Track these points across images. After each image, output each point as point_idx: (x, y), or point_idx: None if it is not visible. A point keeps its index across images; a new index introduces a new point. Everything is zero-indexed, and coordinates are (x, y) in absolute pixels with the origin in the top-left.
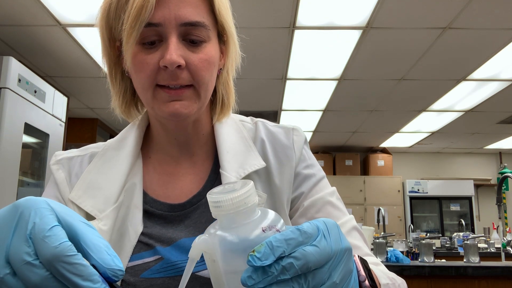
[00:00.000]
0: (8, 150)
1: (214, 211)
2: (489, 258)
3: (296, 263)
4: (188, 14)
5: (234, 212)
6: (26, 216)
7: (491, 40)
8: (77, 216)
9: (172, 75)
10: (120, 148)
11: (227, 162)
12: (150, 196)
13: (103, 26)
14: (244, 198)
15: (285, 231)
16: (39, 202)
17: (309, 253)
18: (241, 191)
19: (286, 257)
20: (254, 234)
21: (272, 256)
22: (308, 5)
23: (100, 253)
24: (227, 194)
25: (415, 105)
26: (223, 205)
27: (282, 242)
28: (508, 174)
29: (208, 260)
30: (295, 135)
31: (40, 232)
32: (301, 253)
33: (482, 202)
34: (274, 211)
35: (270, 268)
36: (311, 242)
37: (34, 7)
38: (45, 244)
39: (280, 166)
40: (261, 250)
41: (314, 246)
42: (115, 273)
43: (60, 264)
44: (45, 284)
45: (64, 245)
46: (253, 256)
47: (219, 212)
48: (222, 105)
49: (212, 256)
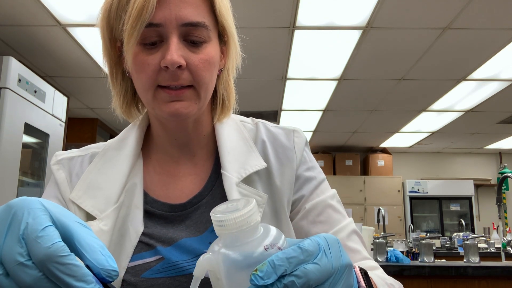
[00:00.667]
0: (8, 150)
1: (218, 230)
2: (489, 258)
3: (298, 281)
4: (189, 14)
5: (237, 231)
6: (19, 216)
7: (491, 40)
8: (72, 217)
9: (173, 76)
10: (120, 148)
11: (228, 163)
12: (150, 196)
13: (104, 26)
14: (247, 217)
15: (287, 249)
16: (32, 202)
17: (310, 271)
18: (244, 211)
19: (288, 275)
20: (257, 252)
21: (274, 275)
22: (308, 5)
23: (94, 253)
24: (230, 214)
25: (415, 105)
26: (227, 224)
27: (284, 260)
28: (508, 174)
29: (213, 277)
30: (296, 137)
31: (32, 233)
32: (302, 272)
33: (482, 202)
34: (274, 211)
35: (273, 286)
36: (312, 260)
37: (34, 7)
38: (37, 245)
39: (280, 167)
40: (263, 269)
41: (315, 264)
42: (109, 273)
43: (52, 265)
44: (37, 285)
45: (57, 246)
46: (255, 275)
47: (222, 231)
48: (222, 106)
49: (216, 273)
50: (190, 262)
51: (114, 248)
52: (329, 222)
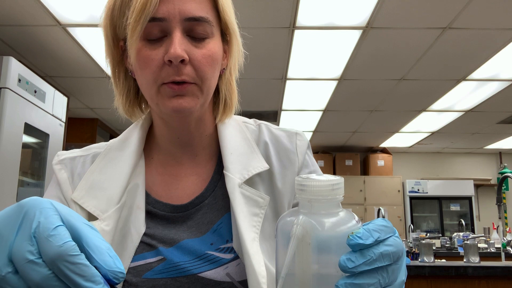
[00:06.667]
0: (8, 150)
1: (307, 195)
2: (489, 258)
3: (391, 249)
4: (193, 9)
5: (329, 199)
6: (31, 215)
7: (491, 40)
8: (80, 218)
9: (176, 71)
10: (122, 149)
11: (231, 163)
12: (152, 197)
13: (108, 24)
14: (341, 187)
15: (374, 223)
16: (44, 202)
17: (399, 242)
18: (340, 179)
19: (381, 243)
20: (351, 223)
21: (372, 238)
22: (308, 5)
23: (102, 255)
24: (326, 180)
25: (415, 105)
26: (322, 190)
27: (377, 228)
28: (508, 174)
29: (300, 242)
30: (298, 140)
31: (44, 231)
32: (393, 241)
33: (482, 202)
34: (276, 214)
35: (369, 252)
36: (396, 234)
37: (34, 7)
38: (49, 243)
39: (283, 169)
40: (360, 232)
41: (399, 238)
42: (116, 275)
43: (63, 264)
44: (46, 283)
45: (68, 245)
46: (354, 236)
47: (314, 196)
48: (224, 105)
49: (306, 238)
50: (192, 263)
51: (115, 249)
52: None
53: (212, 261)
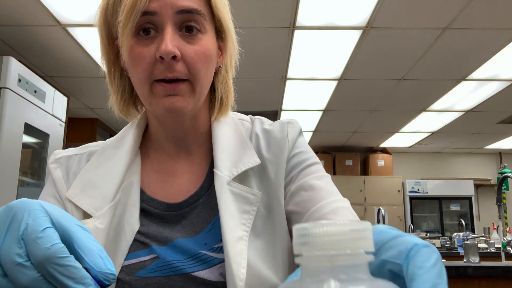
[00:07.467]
0: (8, 150)
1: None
2: (489, 258)
3: None
4: (184, 1)
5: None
6: (19, 217)
7: (491, 40)
8: (72, 219)
9: (168, 67)
10: (118, 147)
11: (221, 161)
12: (147, 195)
13: (102, 24)
14: (370, 242)
15: None
16: (32, 204)
17: None
18: (366, 224)
19: None
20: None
21: None
22: (308, 5)
23: (92, 256)
24: (341, 226)
25: (415, 105)
26: (345, 239)
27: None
28: (508, 174)
29: None
30: (289, 127)
31: (32, 233)
32: None
33: (482, 202)
34: (270, 206)
35: None
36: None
37: (34, 7)
38: (37, 245)
39: (275, 158)
40: None
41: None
42: (107, 277)
43: (51, 266)
44: (35, 286)
45: (57, 247)
46: None
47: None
48: (220, 104)
49: None
50: (185, 262)
51: (109, 247)
52: (311, 201)
53: (205, 261)
